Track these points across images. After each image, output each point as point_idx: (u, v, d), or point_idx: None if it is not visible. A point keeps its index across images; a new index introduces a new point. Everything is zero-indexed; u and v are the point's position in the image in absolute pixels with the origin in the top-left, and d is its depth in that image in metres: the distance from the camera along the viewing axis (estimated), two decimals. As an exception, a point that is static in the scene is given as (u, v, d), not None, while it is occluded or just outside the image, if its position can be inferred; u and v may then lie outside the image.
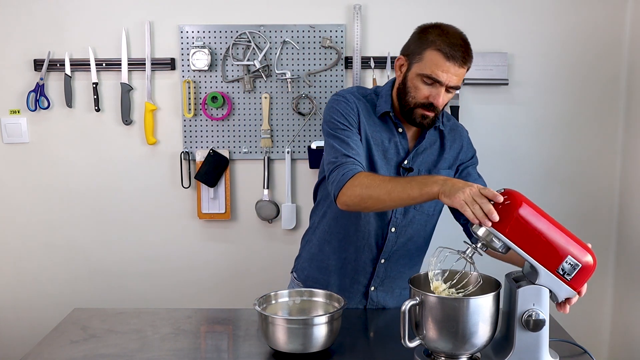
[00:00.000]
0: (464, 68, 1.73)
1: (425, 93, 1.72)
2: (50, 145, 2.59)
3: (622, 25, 2.49)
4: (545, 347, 1.48)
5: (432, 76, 1.70)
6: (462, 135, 1.94)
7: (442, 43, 1.69)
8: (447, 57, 1.68)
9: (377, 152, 1.82)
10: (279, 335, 1.55)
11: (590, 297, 2.50)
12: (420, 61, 1.72)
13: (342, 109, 1.80)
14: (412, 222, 1.88)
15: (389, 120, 1.84)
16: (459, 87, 1.75)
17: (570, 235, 1.45)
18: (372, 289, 1.93)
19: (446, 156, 1.89)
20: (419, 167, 1.86)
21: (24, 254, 2.66)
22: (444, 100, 1.74)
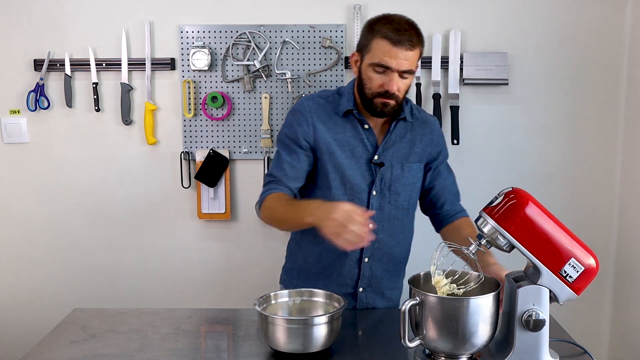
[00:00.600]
0: (413, 51, 1.74)
1: (379, 82, 1.76)
2: (50, 145, 2.59)
3: (622, 25, 2.49)
4: (545, 347, 1.48)
5: (382, 63, 1.73)
6: (433, 128, 1.95)
7: (387, 30, 1.73)
8: (394, 42, 1.72)
9: (344, 152, 1.85)
10: (279, 335, 1.54)
11: (590, 297, 2.52)
12: (369, 52, 1.76)
13: (294, 121, 1.87)
14: (389, 217, 1.89)
15: (353, 118, 1.86)
16: (412, 71, 1.77)
17: (574, 237, 1.46)
18: (361, 289, 1.93)
19: (417, 150, 1.91)
20: (391, 161, 1.87)
21: (24, 254, 2.66)
22: (400, 86, 1.76)
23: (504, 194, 1.48)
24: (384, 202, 1.88)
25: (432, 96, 2.49)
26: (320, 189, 1.89)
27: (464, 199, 2.55)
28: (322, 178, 1.88)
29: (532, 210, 1.43)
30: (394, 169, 1.87)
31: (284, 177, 1.85)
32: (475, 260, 1.52)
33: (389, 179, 1.87)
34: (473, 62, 2.47)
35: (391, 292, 1.99)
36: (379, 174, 1.86)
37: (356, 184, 1.86)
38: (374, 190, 1.87)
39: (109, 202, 2.62)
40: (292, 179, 1.85)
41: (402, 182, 1.89)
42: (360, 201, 1.86)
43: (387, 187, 1.87)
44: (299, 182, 1.87)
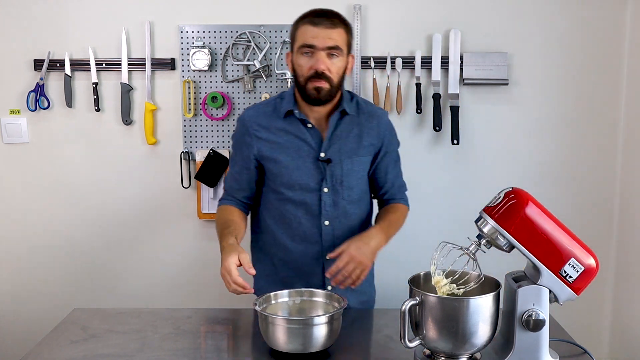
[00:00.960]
0: (335, 29, 1.80)
1: (307, 65, 1.81)
2: (50, 145, 2.59)
3: (622, 25, 2.49)
4: (545, 347, 1.48)
5: (306, 43, 1.79)
6: (380, 121, 1.97)
7: (307, 17, 1.82)
8: (314, 23, 1.79)
9: (288, 155, 1.88)
10: (279, 335, 1.54)
11: (590, 297, 2.51)
12: (295, 41, 1.84)
13: (238, 134, 1.95)
14: (345, 212, 1.92)
15: (295, 119, 1.89)
16: (339, 48, 1.81)
17: (574, 237, 1.46)
18: (329, 288, 1.93)
19: (365, 143, 1.93)
20: (339, 156, 1.89)
21: (23, 254, 2.66)
22: (329, 66, 1.80)
23: (504, 194, 1.48)
24: (337, 198, 1.91)
25: (432, 96, 2.49)
26: (274, 192, 1.93)
27: (463, 199, 2.56)
28: (273, 182, 1.92)
29: (532, 210, 1.43)
30: (344, 164, 1.89)
31: (231, 190, 1.97)
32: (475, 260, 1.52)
33: (339, 175, 1.90)
34: (473, 62, 2.47)
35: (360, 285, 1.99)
36: (328, 171, 1.89)
37: (304, 184, 1.89)
38: (324, 187, 1.89)
39: (109, 202, 2.62)
40: (237, 191, 1.96)
41: (353, 177, 1.92)
42: (312, 200, 1.90)
43: (339, 182, 1.90)
44: (245, 192, 1.96)
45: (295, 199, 1.90)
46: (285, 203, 1.91)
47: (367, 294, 2.04)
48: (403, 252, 2.57)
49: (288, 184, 1.89)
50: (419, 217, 2.58)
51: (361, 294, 2.00)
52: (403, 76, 2.51)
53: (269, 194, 1.95)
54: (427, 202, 2.58)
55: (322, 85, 1.81)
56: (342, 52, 1.82)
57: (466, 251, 1.51)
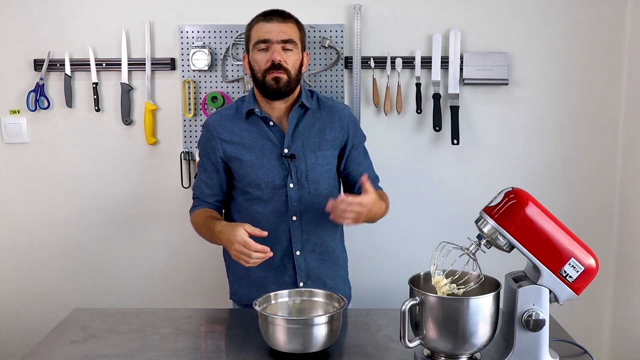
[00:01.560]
0: (287, 24, 1.88)
1: (265, 58, 1.87)
2: (50, 145, 2.59)
3: (622, 25, 2.49)
4: (545, 347, 1.48)
5: (260, 38, 1.86)
6: (342, 115, 2.00)
7: (258, 17, 1.92)
8: (266, 19, 1.89)
9: (253, 154, 1.92)
10: (279, 335, 1.55)
11: (590, 297, 2.52)
12: (250, 40, 1.91)
13: (204, 140, 2.00)
14: (312, 206, 1.94)
15: (257, 119, 1.93)
16: (293, 41, 1.87)
17: (574, 237, 1.46)
18: (301, 284, 1.97)
19: (328, 137, 1.96)
20: (303, 151, 1.93)
21: (24, 254, 2.66)
22: (285, 57, 1.86)
23: (504, 194, 1.48)
24: (303, 192, 1.93)
25: (432, 96, 2.49)
26: (242, 193, 1.97)
27: (463, 199, 2.56)
28: (240, 184, 1.95)
29: (532, 210, 1.43)
30: (308, 159, 1.93)
31: (202, 196, 2.01)
32: (475, 260, 1.52)
33: (304, 169, 1.92)
34: (473, 62, 2.47)
35: (333, 281, 2.02)
36: (292, 166, 1.91)
37: (270, 181, 1.92)
38: (290, 183, 1.92)
39: (109, 202, 2.62)
40: (209, 196, 2.00)
41: (319, 170, 1.94)
42: (279, 196, 1.93)
43: (305, 177, 1.93)
44: (217, 196, 2.01)
45: (262, 197, 1.93)
46: (253, 203, 1.95)
47: (341, 291, 2.04)
48: (403, 252, 2.57)
49: (254, 182, 1.93)
50: (419, 217, 2.59)
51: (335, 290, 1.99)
52: (403, 76, 2.51)
53: (237, 196, 1.99)
54: (427, 202, 2.58)
55: (280, 76, 1.85)
56: (296, 46, 1.88)
57: (466, 251, 1.51)
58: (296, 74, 1.90)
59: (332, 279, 2.03)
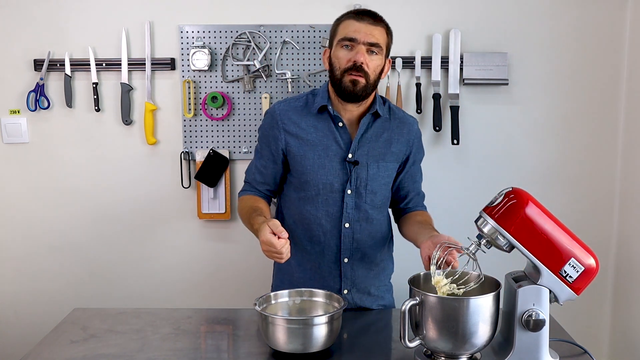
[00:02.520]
0: (377, 27, 1.80)
1: (347, 57, 1.80)
2: (50, 145, 2.59)
3: (622, 25, 2.49)
4: (545, 347, 1.48)
5: (347, 37, 1.79)
6: (411, 129, 1.95)
7: (350, 14, 1.84)
8: (357, 18, 1.81)
9: (316, 152, 1.86)
10: (279, 335, 1.54)
11: (590, 297, 2.52)
12: (336, 36, 1.83)
13: (266, 127, 1.92)
14: (367, 216, 1.90)
15: (327, 116, 1.87)
16: (380, 46, 1.80)
17: (574, 237, 1.46)
18: (345, 291, 1.93)
19: (394, 150, 1.91)
20: (367, 159, 1.87)
21: (24, 254, 2.66)
22: (369, 61, 1.79)
23: (504, 194, 1.48)
24: (360, 201, 1.88)
25: (432, 96, 2.49)
26: (296, 190, 1.91)
27: (464, 198, 2.56)
28: (296, 180, 1.90)
29: (532, 210, 1.43)
30: (370, 168, 1.87)
31: (254, 182, 1.95)
32: (476, 260, 1.52)
33: (364, 178, 1.87)
34: (473, 62, 2.47)
35: (377, 289, 1.99)
36: (354, 173, 1.86)
37: (329, 184, 1.86)
38: (348, 189, 1.87)
39: (109, 202, 2.62)
40: (261, 184, 1.95)
41: (378, 182, 1.89)
42: (334, 200, 1.87)
43: (364, 186, 1.87)
44: (268, 186, 1.95)
45: (317, 199, 1.87)
46: (306, 202, 1.89)
47: (385, 299, 2.02)
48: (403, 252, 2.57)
49: (312, 182, 1.86)
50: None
51: (379, 299, 1.99)
52: (403, 76, 2.51)
53: (290, 192, 1.93)
54: (426, 202, 2.56)
55: (359, 79, 1.78)
56: (381, 51, 1.81)
57: (466, 251, 1.51)
58: (375, 79, 1.82)
59: (377, 287, 1.98)
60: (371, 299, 1.97)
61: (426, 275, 1.58)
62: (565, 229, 1.45)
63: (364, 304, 1.96)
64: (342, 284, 1.92)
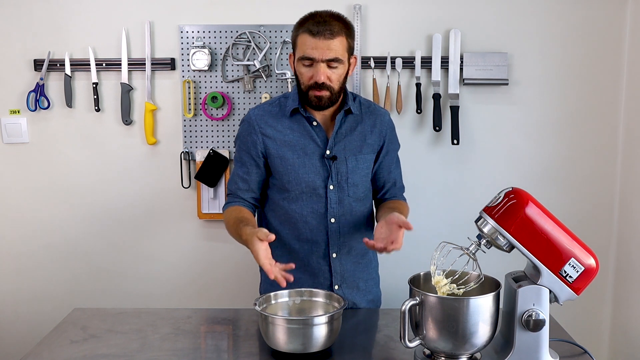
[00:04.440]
0: (334, 40, 1.77)
1: (308, 75, 1.80)
2: (50, 145, 2.59)
3: (622, 25, 2.49)
4: (545, 347, 1.48)
5: (305, 56, 1.78)
6: (382, 120, 1.97)
7: (308, 25, 1.78)
8: (313, 34, 1.77)
9: (295, 153, 1.88)
10: (279, 335, 1.54)
11: (590, 297, 2.52)
12: (296, 48, 1.82)
13: (242, 133, 1.94)
14: (350, 209, 1.92)
15: (301, 117, 1.90)
16: (339, 59, 1.79)
17: (574, 237, 1.46)
18: (336, 287, 1.94)
19: (369, 141, 1.94)
20: (344, 154, 1.90)
21: (24, 254, 2.66)
22: (330, 75, 1.79)
23: (504, 194, 1.48)
24: (343, 195, 1.91)
25: (432, 96, 2.49)
26: (279, 192, 1.93)
27: (464, 198, 2.56)
28: (279, 182, 1.92)
29: (532, 210, 1.43)
30: (349, 162, 1.90)
31: (238, 191, 1.94)
32: (475, 260, 1.52)
33: (345, 172, 1.90)
34: (473, 62, 2.47)
35: (366, 283, 2.01)
36: (334, 168, 1.89)
37: (311, 181, 1.89)
38: (330, 184, 1.90)
39: (109, 202, 2.62)
40: (246, 192, 1.94)
41: (358, 174, 1.92)
42: (318, 197, 1.90)
43: (345, 179, 1.90)
44: (253, 193, 1.95)
45: (301, 197, 1.90)
46: (291, 202, 1.91)
47: (373, 293, 2.04)
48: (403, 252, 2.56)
49: (295, 181, 1.89)
50: (419, 217, 2.58)
51: (368, 293, 2.01)
52: (403, 76, 2.51)
53: (273, 194, 1.95)
54: (427, 202, 2.58)
55: (323, 95, 1.82)
56: (342, 62, 1.81)
57: (466, 251, 1.51)
58: (340, 86, 1.84)
59: (365, 281, 2.00)
60: (360, 294, 1.98)
61: (426, 275, 1.58)
62: (565, 229, 1.45)
63: (354, 299, 1.97)
64: (332, 279, 1.94)
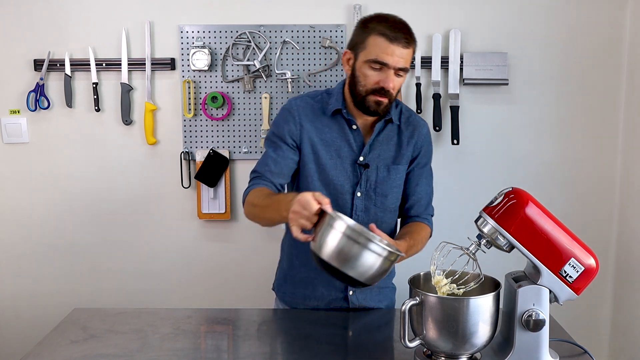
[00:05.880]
0: (408, 49, 1.75)
1: (375, 79, 1.75)
2: (50, 145, 2.59)
3: (622, 25, 2.49)
4: (545, 347, 1.48)
5: (379, 60, 1.73)
6: (420, 132, 1.93)
7: (383, 28, 1.74)
8: (390, 39, 1.72)
9: (328, 153, 1.84)
10: (331, 242, 1.40)
11: (590, 297, 2.51)
12: (365, 49, 1.76)
13: (281, 120, 1.87)
14: (375, 219, 1.87)
15: (341, 118, 1.86)
16: (407, 69, 1.77)
17: (574, 237, 1.46)
18: (351, 292, 1.92)
19: (404, 152, 1.90)
20: (377, 163, 1.86)
21: (24, 254, 2.66)
22: (395, 84, 1.76)
23: (504, 194, 1.49)
24: (369, 203, 1.88)
25: (432, 96, 2.49)
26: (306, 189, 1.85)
27: (463, 199, 2.56)
28: (304, 178, 1.87)
29: (532, 210, 1.43)
30: (380, 171, 1.86)
31: (267, 172, 1.83)
32: (475, 260, 1.52)
33: (374, 181, 1.86)
34: (473, 62, 2.47)
35: (381, 290, 1.99)
36: (364, 176, 1.86)
37: (339, 185, 1.85)
38: (358, 191, 1.86)
39: (109, 202, 2.62)
40: (276, 175, 1.83)
41: (389, 185, 1.88)
42: (343, 202, 1.86)
43: (373, 189, 1.87)
44: (282, 178, 1.85)
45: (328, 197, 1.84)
46: None
47: (389, 299, 2.02)
48: (403, 252, 2.57)
49: (324, 181, 1.85)
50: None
51: (383, 299, 1.99)
52: (403, 76, 2.51)
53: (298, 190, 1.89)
54: (427, 202, 2.57)
55: (384, 101, 1.77)
56: (407, 71, 1.79)
57: (466, 251, 1.51)
58: (396, 94, 1.81)
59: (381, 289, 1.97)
60: (374, 301, 1.96)
61: (426, 275, 1.58)
62: (565, 229, 1.46)
63: (368, 304, 1.95)
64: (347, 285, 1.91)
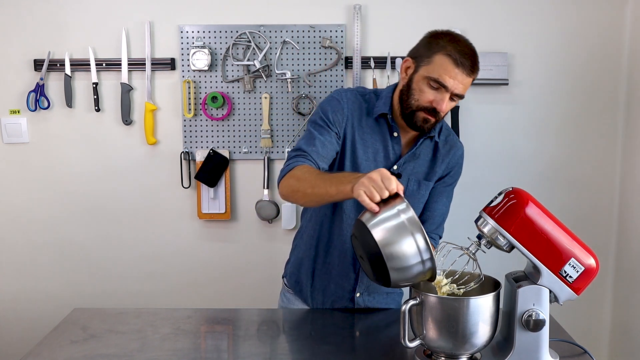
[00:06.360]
0: (471, 77, 1.71)
1: (429, 97, 1.71)
2: (50, 145, 2.59)
3: (622, 25, 2.49)
4: (545, 347, 1.48)
5: (440, 80, 1.68)
6: (455, 154, 1.90)
7: (452, 49, 1.68)
8: (457, 63, 1.67)
9: (365, 154, 1.81)
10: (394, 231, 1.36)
11: (590, 297, 2.51)
12: (428, 64, 1.71)
13: (330, 108, 1.80)
14: None
15: (384, 123, 1.83)
16: (463, 96, 1.73)
17: (574, 237, 1.46)
18: (358, 295, 1.92)
19: (437, 170, 1.87)
20: (409, 175, 1.84)
21: (24, 254, 2.66)
22: (447, 107, 1.73)
23: (504, 194, 1.48)
24: None
25: (432, 96, 2.48)
26: None
27: (464, 198, 2.56)
28: None
29: (532, 210, 1.43)
30: (411, 184, 1.84)
31: (314, 153, 1.73)
32: (476, 260, 1.52)
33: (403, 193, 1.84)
34: (473, 62, 2.47)
35: (390, 294, 1.99)
36: None
37: None
38: None
39: (109, 202, 2.62)
40: (321, 158, 1.75)
41: (416, 199, 1.86)
42: None
43: None
44: (325, 163, 1.77)
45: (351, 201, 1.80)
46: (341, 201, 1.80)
47: (396, 303, 2.02)
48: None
49: None
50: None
51: (392, 302, 1.99)
52: (403, 76, 2.51)
53: None
54: (427, 202, 2.58)
55: (432, 120, 1.74)
56: (462, 98, 1.75)
57: (466, 251, 1.51)
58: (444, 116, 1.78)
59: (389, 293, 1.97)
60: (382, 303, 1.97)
61: (426, 275, 1.58)
62: (565, 229, 1.45)
63: (373, 305, 1.95)
64: (356, 286, 1.91)
